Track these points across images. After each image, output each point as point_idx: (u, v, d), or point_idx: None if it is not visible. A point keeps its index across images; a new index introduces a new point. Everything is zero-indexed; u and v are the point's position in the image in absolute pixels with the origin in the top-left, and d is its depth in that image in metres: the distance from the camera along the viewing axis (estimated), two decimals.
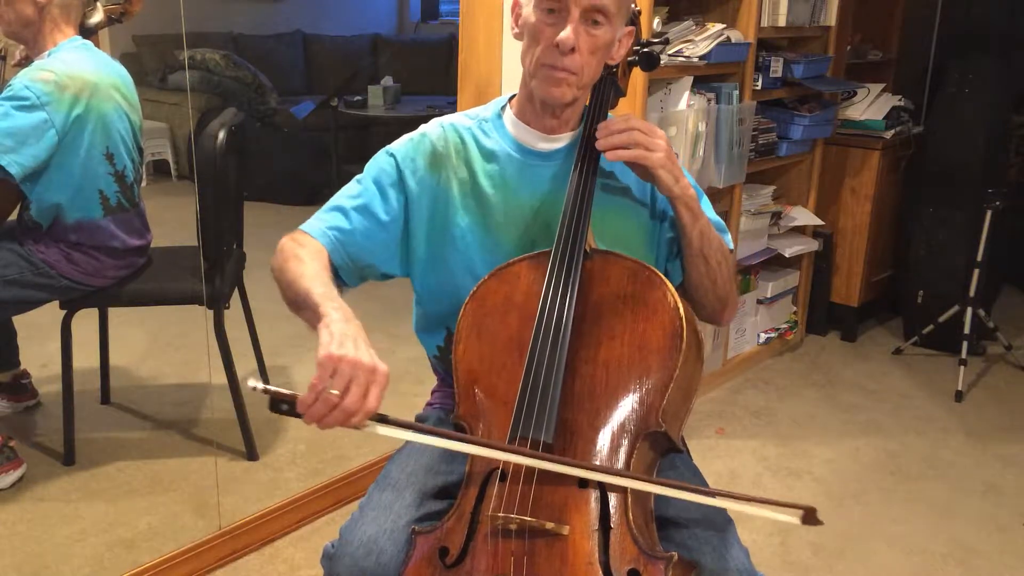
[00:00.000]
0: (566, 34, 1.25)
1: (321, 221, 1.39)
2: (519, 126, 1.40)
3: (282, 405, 1.08)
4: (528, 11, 1.31)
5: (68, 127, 2.18)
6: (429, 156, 1.41)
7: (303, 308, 1.23)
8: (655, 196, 1.42)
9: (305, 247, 1.34)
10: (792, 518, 1.17)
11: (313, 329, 1.15)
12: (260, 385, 1.07)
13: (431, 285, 1.42)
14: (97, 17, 2.31)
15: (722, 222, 1.47)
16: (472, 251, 1.38)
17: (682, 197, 1.31)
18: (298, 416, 1.07)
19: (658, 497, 1.24)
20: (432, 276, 1.42)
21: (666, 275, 1.43)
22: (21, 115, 2.11)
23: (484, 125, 1.43)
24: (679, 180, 1.30)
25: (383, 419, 1.11)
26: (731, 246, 1.45)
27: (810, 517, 1.17)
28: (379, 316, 1.47)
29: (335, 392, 1.05)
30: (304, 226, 1.39)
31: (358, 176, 1.43)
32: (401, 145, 1.43)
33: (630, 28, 1.37)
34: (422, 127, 1.45)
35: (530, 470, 1.15)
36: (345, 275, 1.40)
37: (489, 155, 1.40)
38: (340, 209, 1.39)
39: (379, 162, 1.42)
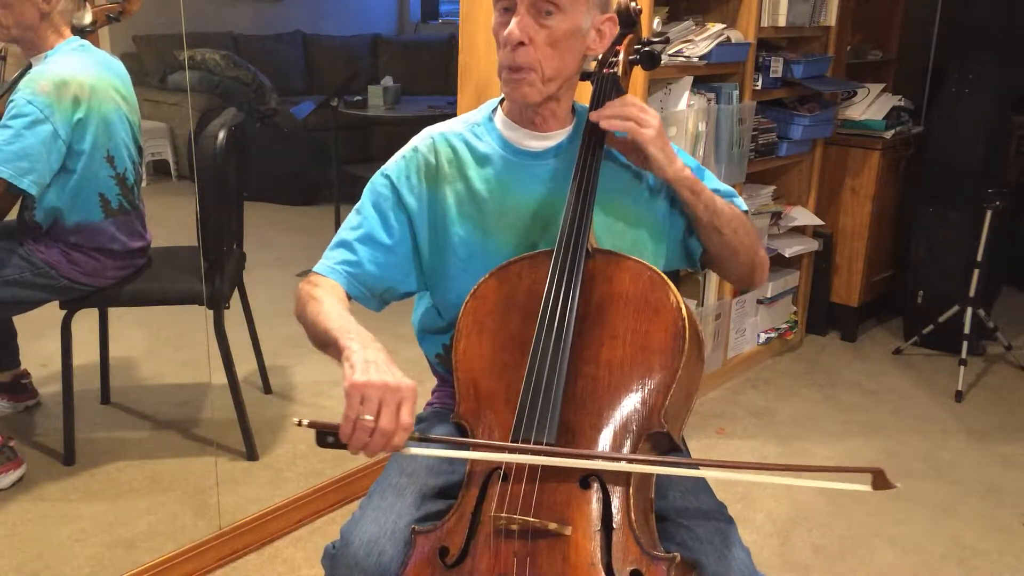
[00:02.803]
0: (508, 29, 1.25)
1: (329, 260, 1.40)
2: (510, 125, 1.40)
3: (328, 437, 1.11)
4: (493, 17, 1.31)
5: (72, 132, 2.18)
6: (423, 170, 1.41)
7: (327, 345, 1.25)
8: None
9: (319, 287, 1.35)
10: (863, 486, 1.09)
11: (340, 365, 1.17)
12: (306, 421, 1.11)
13: (438, 294, 1.43)
14: (87, 18, 2.31)
15: (731, 189, 1.48)
16: (473, 256, 1.38)
17: (678, 178, 1.32)
18: (344, 447, 1.10)
19: (659, 496, 1.24)
20: (438, 285, 1.42)
21: (688, 253, 1.45)
22: (31, 133, 2.11)
23: (476, 129, 1.43)
24: (673, 161, 1.31)
25: (426, 440, 1.15)
26: (744, 208, 1.46)
27: (880, 480, 1.08)
28: (381, 316, 1.47)
29: (368, 417, 1.07)
30: (315, 268, 1.41)
31: (357, 205, 1.44)
32: (394, 164, 1.43)
33: (609, 15, 1.34)
34: (413, 140, 1.45)
35: (532, 470, 1.15)
36: (366, 304, 1.41)
37: (482, 159, 1.40)
38: (344, 244, 1.40)
39: (375, 185, 1.43)
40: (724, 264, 1.43)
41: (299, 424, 1.11)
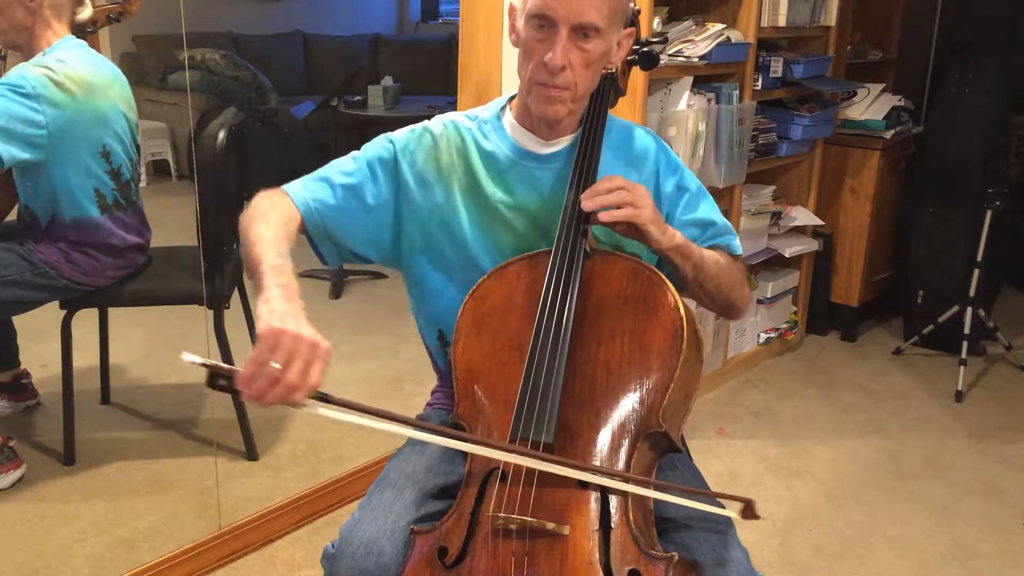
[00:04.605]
0: (553, 56, 1.24)
1: (306, 189, 1.38)
2: (518, 130, 1.40)
3: (220, 380, 1.04)
4: (521, 23, 1.30)
5: (60, 124, 2.17)
6: (430, 152, 1.41)
7: (253, 274, 1.20)
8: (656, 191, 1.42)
9: (277, 209, 1.33)
10: (731, 513, 1.19)
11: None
12: (197, 359, 1.03)
13: (432, 282, 1.42)
14: (86, 13, 2.30)
15: (728, 225, 1.47)
16: (472, 250, 1.38)
17: (670, 248, 1.31)
18: (236, 393, 1.04)
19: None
20: (432, 273, 1.42)
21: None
22: (15, 100, 2.10)
23: (483, 127, 1.43)
24: (666, 232, 1.29)
25: (325, 398, 1.08)
26: (738, 251, 1.45)
27: (749, 511, 1.17)
28: (380, 316, 1.47)
29: (276, 366, 1.02)
30: (287, 186, 1.38)
31: (355, 152, 1.42)
32: (402, 135, 1.43)
33: (630, 29, 1.35)
34: (425, 121, 1.45)
35: (531, 470, 1.15)
36: (322, 246, 1.40)
37: (488, 157, 1.40)
38: (328, 181, 1.39)
39: (377, 145, 1.43)
40: (700, 303, 1.42)
41: (190, 363, 1.03)
